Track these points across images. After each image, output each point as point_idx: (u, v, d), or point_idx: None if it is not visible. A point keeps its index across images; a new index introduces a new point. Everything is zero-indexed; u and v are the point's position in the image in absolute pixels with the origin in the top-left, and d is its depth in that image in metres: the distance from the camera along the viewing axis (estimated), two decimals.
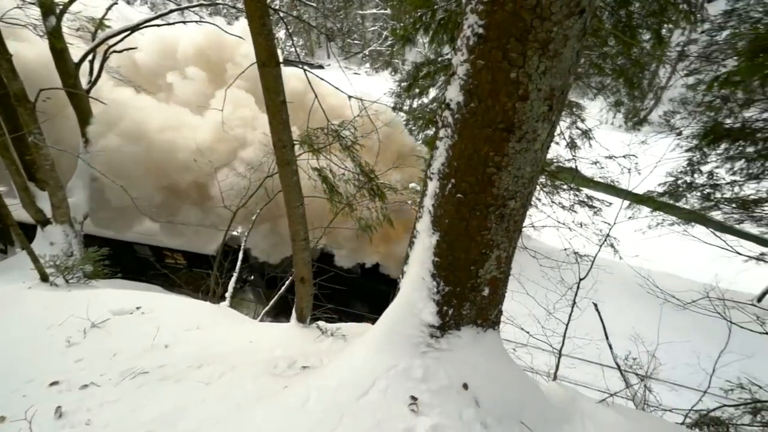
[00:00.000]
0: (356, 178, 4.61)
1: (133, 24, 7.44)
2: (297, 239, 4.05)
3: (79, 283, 5.70)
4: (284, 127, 3.32)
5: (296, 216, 3.86)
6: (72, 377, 2.78)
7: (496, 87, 1.58)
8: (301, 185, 4.01)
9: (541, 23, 1.44)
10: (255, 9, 2.78)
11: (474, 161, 1.77)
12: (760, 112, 4.40)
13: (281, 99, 3.17)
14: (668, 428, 2.67)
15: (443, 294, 2.10)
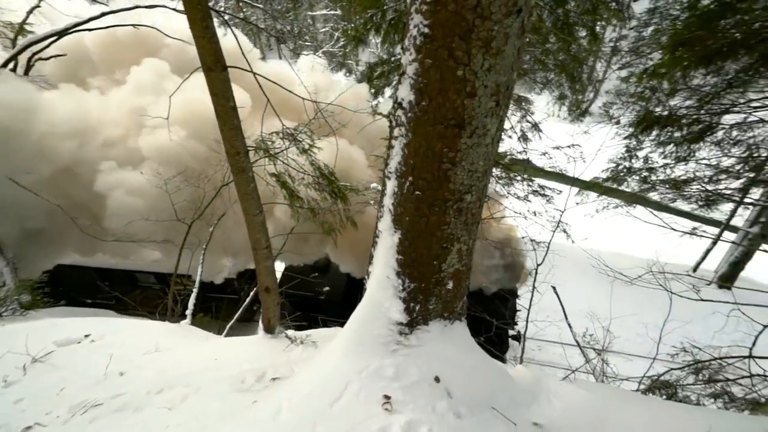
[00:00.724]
0: (316, 181, 4.54)
1: (60, 29, 6.85)
2: (258, 248, 3.92)
3: (15, 315, 5.17)
4: (236, 134, 3.20)
5: (256, 224, 3.74)
6: (11, 421, 2.51)
7: (444, 85, 1.62)
8: (260, 192, 3.90)
9: (483, 22, 1.49)
10: (196, 12, 2.66)
11: (429, 158, 1.80)
12: (683, 100, 4.84)
13: (231, 104, 3.06)
14: (624, 395, 2.87)
15: (409, 291, 2.12)
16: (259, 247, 3.90)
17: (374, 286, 2.24)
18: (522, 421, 2.21)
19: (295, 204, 4.58)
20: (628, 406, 2.56)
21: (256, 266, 4.07)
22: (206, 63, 2.83)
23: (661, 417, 2.47)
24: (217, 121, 3.08)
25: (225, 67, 2.92)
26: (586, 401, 2.56)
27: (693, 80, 4.98)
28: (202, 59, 2.83)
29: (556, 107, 11.14)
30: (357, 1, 9.70)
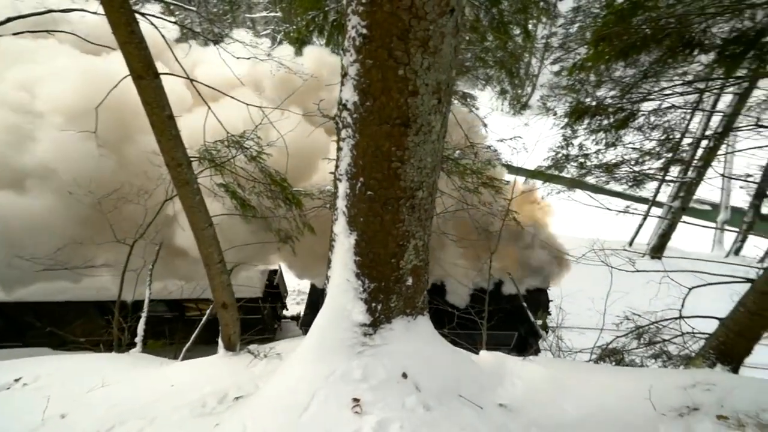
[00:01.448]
0: (268, 188, 4.41)
1: None
2: (211, 263, 3.73)
3: None
4: (176, 144, 3.02)
5: (206, 238, 3.56)
6: None
7: (387, 84, 1.64)
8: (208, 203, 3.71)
9: (419, 22, 1.52)
10: (119, 16, 2.47)
11: (378, 158, 1.81)
12: (608, 91, 5.28)
13: (167, 113, 2.88)
14: (577, 367, 3.09)
15: (370, 291, 2.12)
16: (211, 263, 3.71)
17: (334, 290, 2.21)
18: (488, 404, 2.30)
19: (248, 214, 4.41)
20: (581, 376, 2.75)
21: (210, 282, 3.87)
22: (135, 70, 2.64)
23: (611, 382, 2.69)
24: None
25: (157, 74, 2.74)
26: (544, 377, 2.71)
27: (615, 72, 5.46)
28: (130, 67, 2.64)
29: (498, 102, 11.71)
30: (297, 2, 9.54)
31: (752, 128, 4.04)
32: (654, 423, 2.14)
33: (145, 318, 5.06)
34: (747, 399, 2.18)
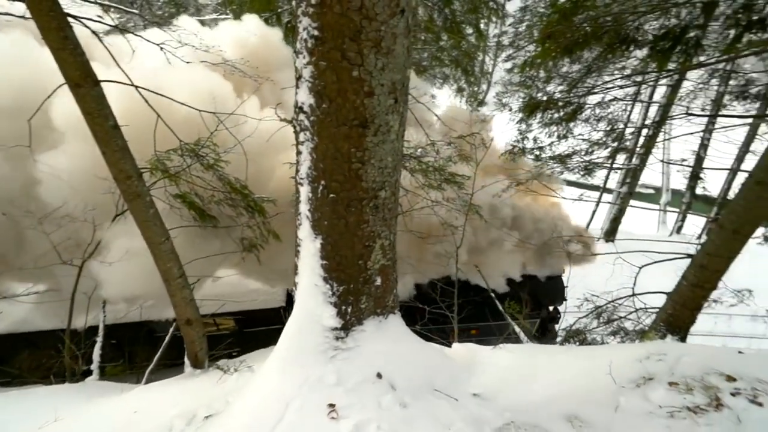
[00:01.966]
0: (228, 197, 4.26)
1: None
2: (171, 279, 3.56)
3: None
4: (123, 156, 2.85)
5: (164, 253, 3.39)
6: None
7: (342, 86, 1.63)
8: (164, 216, 3.52)
9: (370, 23, 1.53)
10: (49, 20, 2.30)
11: (338, 160, 1.80)
12: (557, 86, 5.56)
13: (111, 123, 2.71)
14: (544, 350, 3.23)
15: (339, 294, 2.11)
16: (171, 278, 3.54)
17: (303, 295, 2.18)
18: (463, 395, 2.35)
19: (208, 224, 4.24)
20: (548, 359, 2.88)
21: (171, 299, 3.69)
22: (72, 79, 2.47)
23: (574, 361, 2.83)
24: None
25: (97, 82, 2.58)
26: (514, 363, 2.82)
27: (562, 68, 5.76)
28: (65, 75, 2.46)
29: (456, 99, 12.03)
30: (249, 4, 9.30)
31: (684, 116, 4.40)
32: (615, 395, 2.28)
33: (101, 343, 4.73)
34: (693, 365, 2.37)
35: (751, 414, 1.87)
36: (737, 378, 2.15)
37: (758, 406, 1.91)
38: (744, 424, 1.83)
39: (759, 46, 3.98)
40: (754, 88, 5.40)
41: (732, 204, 3.19)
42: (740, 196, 3.07)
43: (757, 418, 1.82)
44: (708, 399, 2.05)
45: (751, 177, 2.99)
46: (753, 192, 2.94)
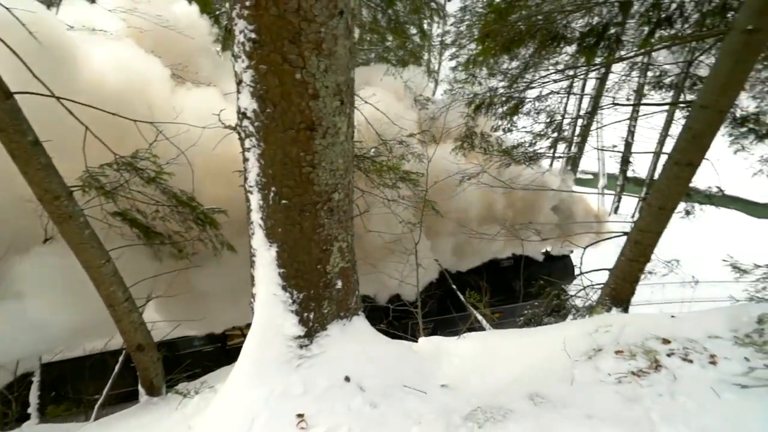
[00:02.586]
0: (175, 210, 4.01)
1: None
2: (116, 303, 3.30)
3: None
4: (48, 174, 2.60)
5: (105, 276, 3.13)
6: None
7: (285, 89, 1.60)
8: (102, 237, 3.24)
9: (309, 25, 1.51)
10: None
11: (288, 165, 1.76)
12: (498, 81, 5.83)
13: (30, 139, 2.45)
14: (504, 334, 3.37)
15: (299, 302, 2.07)
16: (116, 303, 3.29)
17: (262, 306, 2.11)
18: (431, 388, 2.39)
19: (154, 242, 3.97)
20: (509, 342, 3.01)
21: (118, 325, 3.42)
22: None
23: (533, 342, 2.99)
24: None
25: (10, 94, 2.32)
26: (478, 351, 2.92)
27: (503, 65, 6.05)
28: None
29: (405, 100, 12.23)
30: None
31: (611, 106, 4.81)
32: (570, 368, 2.44)
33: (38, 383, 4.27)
34: (635, 333, 2.59)
35: (684, 371, 2.08)
36: (671, 340, 2.38)
37: (689, 363, 2.13)
38: (679, 380, 2.03)
39: (668, 41, 4.43)
40: (667, 78, 6.02)
41: (657, 184, 3.52)
42: (662, 176, 3.40)
43: (689, 374, 2.03)
44: (649, 362, 2.25)
45: (670, 158, 3.32)
46: (672, 171, 3.27)
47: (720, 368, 2.04)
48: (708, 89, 2.90)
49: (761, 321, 2.26)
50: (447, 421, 2.00)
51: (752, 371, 1.90)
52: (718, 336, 2.33)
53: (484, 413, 2.05)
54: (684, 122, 3.22)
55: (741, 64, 2.64)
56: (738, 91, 2.90)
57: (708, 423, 1.71)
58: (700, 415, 1.77)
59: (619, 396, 2.05)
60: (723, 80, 2.75)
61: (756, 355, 1.99)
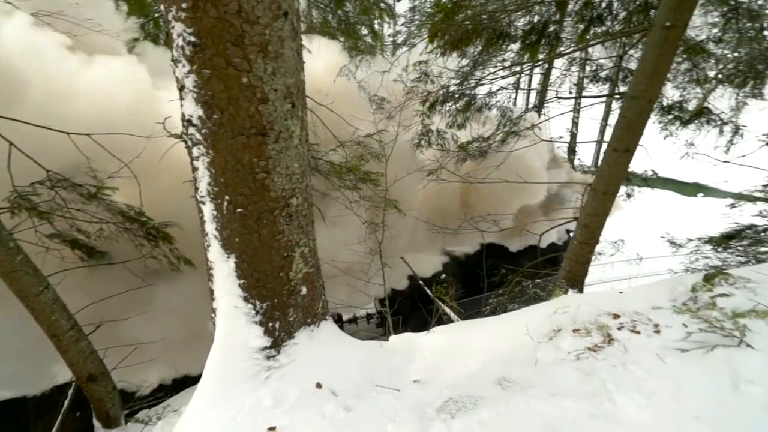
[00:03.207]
0: (122, 227, 3.75)
1: None
2: (60, 333, 3.04)
3: None
4: None
5: (44, 305, 2.87)
6: None
7: (232, 94, 1.54)
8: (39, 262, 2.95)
9: (252, 27, 1.47)
10: None
11: (241, 172, 1.70)
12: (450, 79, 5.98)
13: None
14: (471, 324, 3.47)
15: (263, 312, 2.00)
16: (60, 332, 3.03)
17: (224, 321, 2.02)
18: (404, 385, 2.41)
19: (100, 262, 3.70)
20: (476, 332, 3.11)
21: (64, 356, 3.15)
22: None
23: (499, 328, 3.10)
24: None
25: None
26: (447, 343, 2.99)
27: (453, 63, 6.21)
28: None
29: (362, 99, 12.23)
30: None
31: (555, 99, 5.10)
32: (533, 351, 2.55)
33: None
34: (589, 311, 2.76)
35: (633, 341, 2.25)
36: (621, 314, 2.56)
37: (637, 334, 2.30)
38: (629, 351, 2.19)
39: (601, 37, 4.76)
40: (603, 72, 6.48)
41: (599, 170, 3.78)
42: (603, 162, 3.65)
43: (637, 344, 2.20)
44: (602, 337, 2.41)
45: (609, 146, 3.57)
46: (612, 158, 3.52)
47: (663, 336, 2.22)
48: (637, 81, 3.15)
49: (694, 289, 2.50)
50: (420, 415, 2.03)
51: (690, 336, 2.09)
52: (660, 307, 2.53)
53: (456, 403, 2.10)
54: (619, 112, 3.48)
55: (663, 57, 2.89)
56: (662, 81, 3.17)
57: (656, 386, 1.86)
58: (648, 380, 1.92)
59: (578, 372, 2.17)
60: (649, 72, 3.01)
61: (692, 321, 2.19)
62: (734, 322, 1.99)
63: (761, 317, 1.96)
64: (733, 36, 4.49)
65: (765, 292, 2.22)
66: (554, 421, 1.85)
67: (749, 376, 1.69)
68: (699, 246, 5.21)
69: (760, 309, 2.01)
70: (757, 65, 4.38)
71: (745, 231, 4.92)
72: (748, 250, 4.91)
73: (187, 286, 4.78)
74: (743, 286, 2.35)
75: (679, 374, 1.88)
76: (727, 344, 1.89)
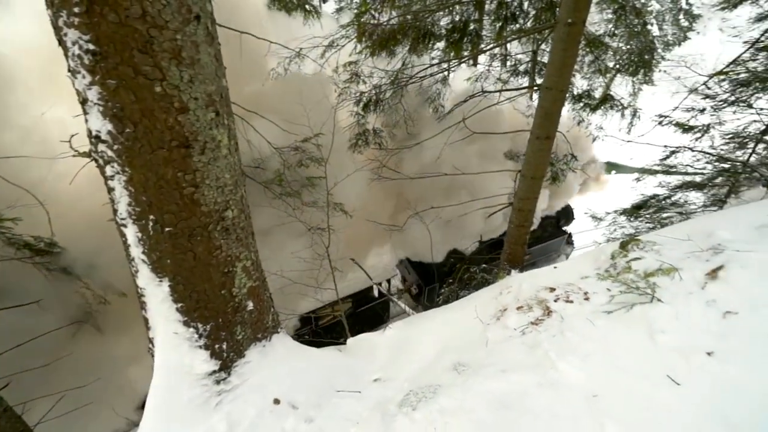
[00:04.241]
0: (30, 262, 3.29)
1: None
2: None
3: None
4: None
5: None
6: None
7: (145, 105, 1.43)
8: None
9: (161, 32, 1.37)
10: None
11: (165, 188, 1.58)
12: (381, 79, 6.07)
13: None
14: (422, 316, 3.57)
15: (207, 334, 1.88)
16: None
17: (163, 350, 1.87)
18: (365, 386, 2.41)
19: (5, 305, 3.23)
20: (429, 322, 3.20)
21: None
22: None
23: (453, 316, 3.22)
24: None
25: None
26: (404, 336, 3.04)
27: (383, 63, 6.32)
28: None
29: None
30: None
31: (481, 94, 5.39)
32: (483, 332, 2.69)
33: None
34: (529, 288, 2.97)
35: (568, 310, 2.46)
36: (556, 287, 2.79)
37: (571, 303, 2.52)
38: (565, 319, 2.39)
39: (515, 34, 5.13)
40: (521, 66, 7.00)
41: (526, 157, 4.08)
42: (529, 149, 3.94)
43: (571, 312, 2.41)
44: (542, 310, 2.60)
45: (532, 134, 3.87)
46: (535, 145, 3.82)
47: (592, 302, 2.46)
48: (549, 73, 3.44)
49: (613, 257, 2.79)
50: (383, 412, 2.04)
51: (613, 299, 2.34)
52: (587, 276, 2.80)
53: (416, 395, 2.14)
54: (537, 102, 3.78)
55: (568, 51, 3.19)
56: (571, 72, 3.50)
57: (590, 348, 2.06)
58: (583, 343, 2.11)
59: (524, 346, 2.33)
60: (558, 65, 3.30)
61: (614, 285, 2.45)
62: (646, 281, 2.26)
63: (666, 274, 2.25)
64: (624, 30, 5.08)
65: (668, 252, 2.54)
66: (507, 396, 1.97)
67: (661, 327, 1.93)
68: (615, 218, 5.85)
69: (665, 267, 2.31)
70: (644, 55, 5.01)
71: (650, 200, 5.62)
72: (654, 217, 5.61)
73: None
74: (651, 248, 2.67)
75: (607, 334, 2.09)
76: (643, 301, 2.15)
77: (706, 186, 5.73)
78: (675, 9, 15.15)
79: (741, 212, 2.94)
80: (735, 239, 2.33)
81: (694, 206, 5.38)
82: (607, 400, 1.72)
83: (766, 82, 4.60)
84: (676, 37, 15.07)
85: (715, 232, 2.49)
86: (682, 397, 1.60)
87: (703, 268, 2.17)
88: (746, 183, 5.29)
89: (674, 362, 1.73)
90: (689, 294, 2.05)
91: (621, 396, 1.72)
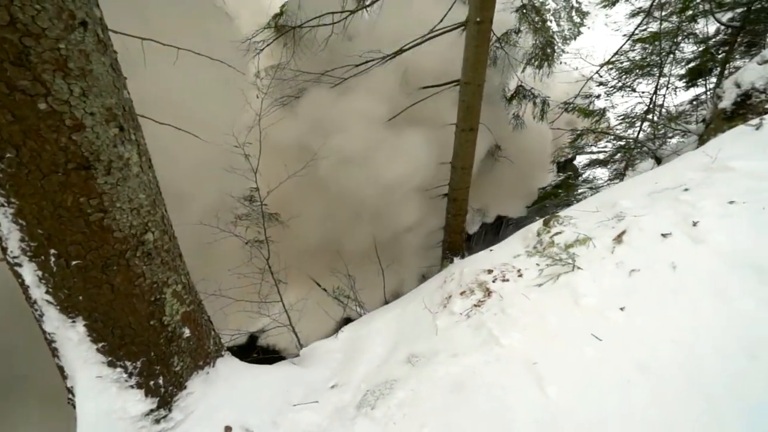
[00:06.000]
0: None
1: None
2: None
3: None
4: None
5: None
6: None
7: (27, 125, 1.25)
8: None
9: (38, 41, 1.20)
10: None
11: (66, 216, 1.40)
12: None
13: None
14: (376, 313, 3.60)
15: (138, 371, 1.71)
16: None
17: (87, 398, 1.66)
18: (322, 394, 2.36)
19: None
20: (380, 319, 3.23)
21: None
22: None
23: (402, 311, 3.28)
24: None
25: None
26: (355, 337, 3.04)
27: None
28: None
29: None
30: None
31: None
32: (433, 321, 2.78)
33: None
34: (470, 272, 3.12)
35: (505, 289, 2.64)
36: (493, 269, 2.97)
37: (507, 282, 2.71)
38: (504, 298, 2.56)
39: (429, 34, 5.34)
40: None
41: (454, 149, 4.29)
42: (456, 142, 4.15)
43: (509, 290, 2.59)
44: (483, 292, 2.76)
45: (457, 127, 4.07)
46: (461, 137, 4.03)
47: (525, 277, 2.66)
48: (466, 69, 3.65)
49: (539, 233, 3.05)
50: (342, 418, 2.03)
51: (542, 272, 2.56)
52: (519, 254, 3.02)
53: (373, 394, 2.15)
54: (459, 97, 3.99)
55: (479, 47, 3.41)
56: (485, 67, 3.75)
57: (527, 321, 2.23)
58: (522, 317, 2.28)
59: (470, 328, 2.45)
60: (472, 61, 3.51)
61: (541, 260, 2.68)
62: (567, 252, 2.50)
63: (582, 244, 2.51)
64: (528, 27, 5.56)
65: (582, 223, 2.84)
66: (459, 378, 2.06)
67: (583, 291, 2.15)
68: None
69: (581, 237, 2.58)
70: (546, 49, 5.53)
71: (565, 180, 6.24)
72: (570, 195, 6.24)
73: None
74: (569, 222, 2.96)
75: (540, 305, 2.28)
76: (566, 271, 2.38)
77: (608, 162, 6.51)
78: (568, 7, 16.96)
79: (636, 182, 3.38)
80: (633, 206, 2.67)
81: (600, 181, 6.08)
82: (546, 366, 1.87)
83: (644, 68, 5.35)
84: (571, 32, 16.87)
85: (618, 202, 2.83)
86: (605, 351, 1.80)
87: (611, 234, 2.46)
88: (639, 157, 6.11)
89: (596, 321, 1.94)
90: (602, 259, 2.31)
91: (556, 359, 1.89)
